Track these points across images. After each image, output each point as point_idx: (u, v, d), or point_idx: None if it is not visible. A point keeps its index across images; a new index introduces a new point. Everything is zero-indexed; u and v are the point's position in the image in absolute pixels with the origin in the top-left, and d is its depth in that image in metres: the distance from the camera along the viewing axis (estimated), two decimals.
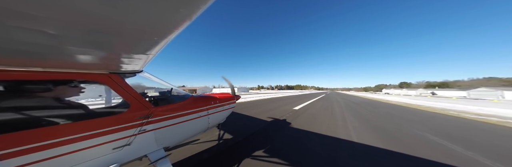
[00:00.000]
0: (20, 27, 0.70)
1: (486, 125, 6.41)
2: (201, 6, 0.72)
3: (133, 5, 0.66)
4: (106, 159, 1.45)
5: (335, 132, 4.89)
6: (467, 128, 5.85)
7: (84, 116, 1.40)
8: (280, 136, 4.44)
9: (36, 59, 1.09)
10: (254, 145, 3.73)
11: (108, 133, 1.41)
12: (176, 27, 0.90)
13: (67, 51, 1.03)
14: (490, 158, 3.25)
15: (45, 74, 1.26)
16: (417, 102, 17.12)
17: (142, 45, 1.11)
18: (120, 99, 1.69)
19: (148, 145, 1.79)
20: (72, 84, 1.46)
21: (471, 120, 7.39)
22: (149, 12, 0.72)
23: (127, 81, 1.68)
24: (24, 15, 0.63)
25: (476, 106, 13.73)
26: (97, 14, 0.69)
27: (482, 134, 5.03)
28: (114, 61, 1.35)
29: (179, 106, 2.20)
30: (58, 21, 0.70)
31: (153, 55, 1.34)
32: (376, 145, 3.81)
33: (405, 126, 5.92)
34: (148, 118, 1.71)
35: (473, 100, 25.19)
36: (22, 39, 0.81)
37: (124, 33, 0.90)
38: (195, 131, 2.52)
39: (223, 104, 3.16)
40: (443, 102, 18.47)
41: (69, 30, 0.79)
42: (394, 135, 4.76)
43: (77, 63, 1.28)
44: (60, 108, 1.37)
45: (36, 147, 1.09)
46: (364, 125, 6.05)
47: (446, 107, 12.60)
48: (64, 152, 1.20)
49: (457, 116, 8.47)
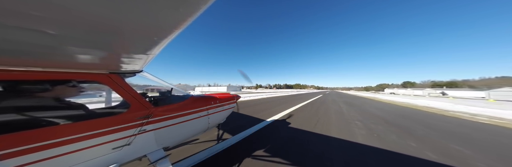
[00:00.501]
0: (20, 27, 0.70)
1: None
2: (201, 6, 0.72)
3: (133, 5, 0.66)
4: (106, 159, 1.44)
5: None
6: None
7: (84, 116, 1.40)
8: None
9: (36, 59, 1.09)
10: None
11: (108, 133, 1.41)
12: (176, 27, 0.90)
13: (67, 51, 1.03)
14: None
15: (45, 74, 1.26)
16: (445, 106, 12.93)
17: (142, 45, 1.11)
18: (120, 99, 1.69)
19: (148, 145, 1.79)
20: (72, 84, 1.45)
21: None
22: (149, 12, 0.72)
23: (127, 81, 1.68)
24: (24, 15, 0.63)
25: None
26: (96, 14, 0.69)
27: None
28: (114, 61, 1.35)
29: (179, 106, 2.19)
30: (58, 21, 0.70)
31: (153, 55, 1.34)
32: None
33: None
34: (148, 118, 1.70)
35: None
36: (22, 39, 0.81)
37: (124, 33, 0.89)
38: (195, 131, 2.52)
39: (223, 104, 3.15)
40: (478, 105, 13.65)
41: (69, 30, 0.79)
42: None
43: (77, 63, 1.28)
44: (60, 108, 1.37)
45: (36, 147, 1.09)
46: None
47: (497, 115, 8.65)
48: (64, 152, 1.20)
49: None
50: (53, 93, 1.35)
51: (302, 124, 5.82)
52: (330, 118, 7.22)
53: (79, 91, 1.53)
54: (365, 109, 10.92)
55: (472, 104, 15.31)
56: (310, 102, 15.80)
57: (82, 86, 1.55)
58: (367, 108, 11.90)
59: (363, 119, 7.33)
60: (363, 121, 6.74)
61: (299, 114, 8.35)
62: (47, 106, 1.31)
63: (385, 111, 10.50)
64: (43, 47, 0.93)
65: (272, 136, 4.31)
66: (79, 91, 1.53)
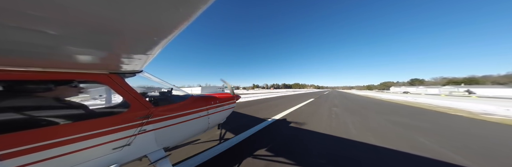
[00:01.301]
0: (20, 27, 0.70)
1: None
2: (201, 6, 0.72)
3: (132, 4, 0.66)
4: (106, 159, 1.44)
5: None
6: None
7: (84, 116, 1.40)
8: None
9: (36, 59, 1.09)
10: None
11: (108, 133, 1.41)
12: (176, 27, 0.90)
13: (67, 52, 1.03)
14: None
15: (45, 74, 1.26)
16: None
17: (142, 45, 1.11)
18: (120, 99, 1.69)
19: (148, 145, 1.79)
20: (72, 84, 1.45)
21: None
22: (150, 12, 0.72)
23: (127, 81, 1.68)
24: (24, 15, 0.63)
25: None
26: (97, 14, 0.69)
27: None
28: (114, 61, 1.35)
29: (179, 106, 2.20)
30: (58, 21, 0.70)
31: (153, 55, 1.34)
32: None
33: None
34: (148, 118, 1.70)
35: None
36: (22, 39, 0.81)
37: (124, 33, 0.90)
38: (195, 131, 2.52)
39: (223, 104, 3.16)
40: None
41: (69, 30, 0.79)
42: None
43: (77, 63, 1.28)
44: (60, 108, 1.37)
45: (36, 147, 1.09)
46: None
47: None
48: (64, 152, 1.20)
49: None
50: (53, 93, 1.35)
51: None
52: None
53: (79, 91, 1.53)
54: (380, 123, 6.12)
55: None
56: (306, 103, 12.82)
57: (82, 86, 1.55)
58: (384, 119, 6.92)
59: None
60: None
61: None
62: (47, 106, 1.31)
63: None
64: (43, 47, 0.93)
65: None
66: (79, 91, 1.53)
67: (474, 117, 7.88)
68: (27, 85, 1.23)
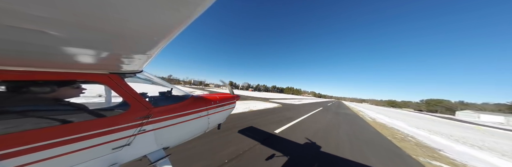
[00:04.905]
0: (20, 27, 0.70)
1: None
2: (201, 6, 0.72)
3: (132, 4, 0.66)
4: (105, 159, 1.44)
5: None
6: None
7: (84, 116, 1.40)
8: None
9: (36, 59, 1.09)
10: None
11: (107, 133, 1.41)
12: (176, 27, 0.90)
13: (67, 52, 1.03)
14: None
15: (44, 74, 1.26)
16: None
17: (142, 45, 1.11)
18: (120, 99, 1.69)
19: (148, 145, 1.79)
20: (72, 84, 1.45)
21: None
22: (149, 12, 0.72)
23: (127, 81, 1.68)
24: (24, 15, 0.63)
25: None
26: (97, 14, 0.69)
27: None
28: (114, 61, 1.35)
29: (179, 106, 2.19)
30: (57, 21, 0.70)
31: (153, 55, 1.34)
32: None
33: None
34: (148, 118, 1.70)
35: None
36: (22, 39, 0.80)
37: (124, 33, 0.89)
38: (195, 131, 2.52)
39: (223, 104, 3.15)
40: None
41: (69, 30, 0.79)
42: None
43: (77, 63, 1.28)
44: (59, 108, 1.37)
45: (36, 147, 1.09)
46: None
47: None
48: (64, 152, 1.20)
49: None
50: (53, 93, 1.35)
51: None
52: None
53: (79, 91, 1.53)
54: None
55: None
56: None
57: (82, 86, 1.55)
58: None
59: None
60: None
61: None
62: (47, 106, 1.31)
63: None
64: (43, 47, 0.93)
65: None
66: (79, 91, 1.53)
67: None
68: (26, 85, 1.23)
